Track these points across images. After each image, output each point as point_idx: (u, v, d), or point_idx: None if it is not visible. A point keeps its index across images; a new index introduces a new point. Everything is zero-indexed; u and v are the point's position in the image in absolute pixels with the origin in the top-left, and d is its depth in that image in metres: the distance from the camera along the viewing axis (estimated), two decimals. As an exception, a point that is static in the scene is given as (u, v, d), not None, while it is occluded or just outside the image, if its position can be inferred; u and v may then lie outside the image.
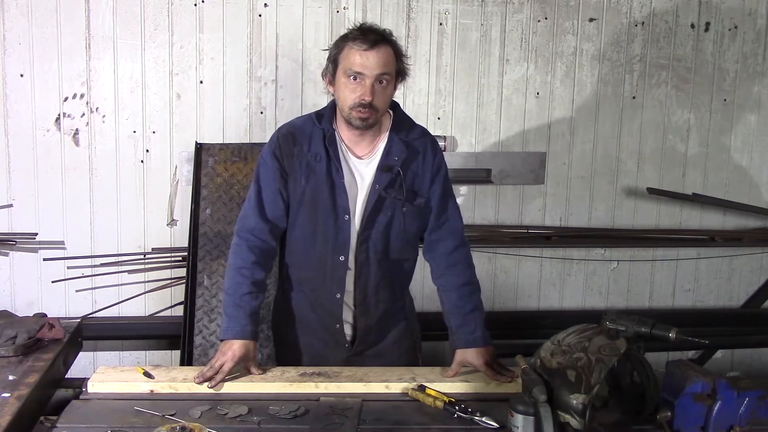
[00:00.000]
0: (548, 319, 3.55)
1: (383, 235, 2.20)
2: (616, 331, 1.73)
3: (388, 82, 2.10)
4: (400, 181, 2.17)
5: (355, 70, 2.05)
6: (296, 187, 2.19)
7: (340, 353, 2.29)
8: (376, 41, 2.06)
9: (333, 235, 2.18)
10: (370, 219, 2.18)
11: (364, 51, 2.05)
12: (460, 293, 2.24)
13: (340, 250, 2.19)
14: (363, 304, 2.25)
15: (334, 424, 1.77)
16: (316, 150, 2.17)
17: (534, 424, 1.62)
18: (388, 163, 2.18)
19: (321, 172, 2.17)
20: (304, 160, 2.18)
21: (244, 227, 2.21)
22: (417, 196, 2.21)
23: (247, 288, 2.14)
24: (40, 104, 3.27)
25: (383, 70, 2.06)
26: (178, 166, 3.36)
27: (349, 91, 2.08)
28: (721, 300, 3.82)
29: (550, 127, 3.56)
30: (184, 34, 3.29)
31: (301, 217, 2.21)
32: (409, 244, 2.27)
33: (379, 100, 2.09)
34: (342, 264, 2.20)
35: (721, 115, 3.66)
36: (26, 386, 1.78)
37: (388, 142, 2.19)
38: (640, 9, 3.52)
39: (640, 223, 3.68)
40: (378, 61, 2.05)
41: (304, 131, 2.20)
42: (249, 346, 2.09)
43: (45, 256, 3.34)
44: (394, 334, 2.35)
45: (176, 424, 1.62)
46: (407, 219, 2.21)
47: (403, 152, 2.19)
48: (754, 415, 1.75)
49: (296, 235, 2.24)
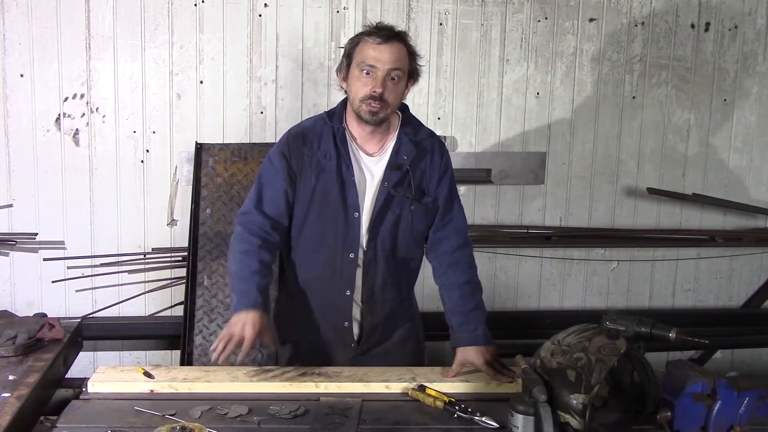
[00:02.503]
0: (548, 319, 3.55)
1: (391, 233, 2.21)
2: (616, 331, 1.73)
3: (400, 78, 2.13)
4: (408, 180, 2.19)
5: (368, 63, 2.09)
6: (306, 186, 2.20)
7: (346, 353, 2.29)
8: (390, 37, 2.11)
9: (343, 233, 2.19)
10: (378, 216, 2.19)
11: (378, 45, 2.09)
12: (462, 291, 2.24)
13: (350, 247, 2.19)
14: (370, 301, 2.25)
15: (334, 424, 1.77)
16: (326, 148, 2.19)
17: (534, 424, 1.62)
18: (397, 162, 2.20)
19: (331, 170, 2.18)
20: (314, 159, 2.19)
21: (244, 219, 2.21)
22: (425, 194, 2.23)
23: (256, 266, 2.11)
24: (40, 104, 3.27)
25: (395, 65, 2.10)
26: (178, 166, 3.36)
27: (362, 84, 2.11)
28: (721, 300, 3.82)
29: (550, 127, 3.56)
30: (184, 34, 3.29)
31: (311, 216, 2.22)
32: (416, 242, 2.28)
33: (390, 95, 2.11)
34: (352, 261, 2.20)
35: (721, 115, 3.66)
36: (26, 386, 1.78)
37: (398, 140, 2.22)
38: (640, 9, 3.52)
39: (640, 223, 3.69)
40: (391, 56, 2.09)
41: (314, 130, 2.22)
42: (265, 318, 2.05)
43: (45, 256, 3.34)
44: (400, 333, 2.35)
45: (176, 424, 1.62)
46: (415, 217, 2.23)
47: (413, 151, 2.21)
48: (754, 415, 1.75)
49: (305, 234, 2.25)
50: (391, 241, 2.22)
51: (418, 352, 2.41)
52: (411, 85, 2.21)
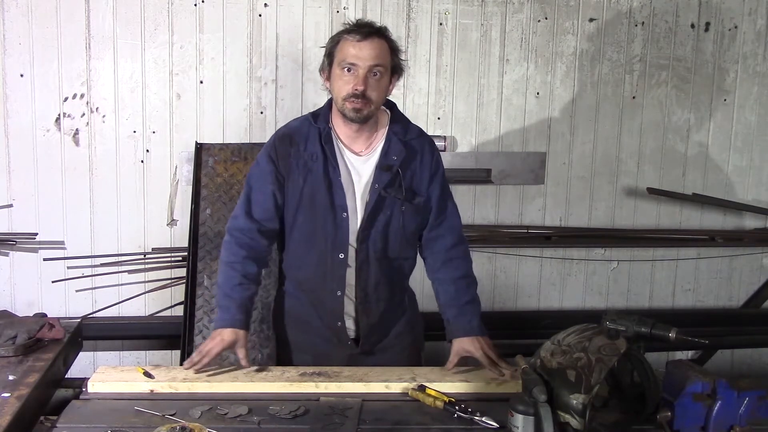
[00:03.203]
0: (548, 319, 3.54)
1: (382, 234, 2.22)
2: (616, 331, 1.73)
3: (382, 74, 2.12)
4: (399, 181, 2.19)
5: (348, 61, 2.08)
6: (294, 188, 2.20)
7: (343, 351, 2.30)
8: (370, 33, 2.09)
9: (332, 234, 2.19)
10: (370, 218, 2.19)
11: (357, 42, 2.08)
12: (457, 286, 2.26)
13: (340, 248, 2.20)
14: (364, 302, 2.26)
15: (334, 424, 1.77)
16: (313, 149, 2.19)
17: (534, 424, 1.62)
18: (387, 163, 2.19)
19: (318, 171, 2.18)
20: (301, 161, 2.19)
21: (234, 226, 2.24)
22: (416, 195, 2.23)
23: (238, 279, 2.17)
24: (40, 104, 3.27)
25: (376, 61, 2.09)
26: (178, 166, 3.36)
27: (343, 82, 2.10)
28: (721, 300, 3.82)
29: (550, 127, 3.56)
30: (184, 34, 3.29)
31: (301, 217, 2.22)
32: (408, 243, 2.28)
33: (373, 92, 2.10)
34: (342, 261, 2.21)
35: (721, 115, 3.66)
36: (26, 386, 1.78)
37: (386, 141, 2.21)
38: (640, 9, 3.52)
39: (640, 223, 3.68)
40: (371, 52, 2.08)
41: (300, 132, 2.22)
42: (238, 334, 2.12)
43: (45, 256, 3.33)
44: (396, 329, 2.35)
45: (176, 424, 1.62)
46: (406, 218, 2.23)
47: (402, 152, 2.20)
48: (754, 415, 1.75)
49: (295, 236, 2.25)
50: (383, 242, 2.23)
51: (416, 343, 2.42)
52: (395, 81, 2.20)
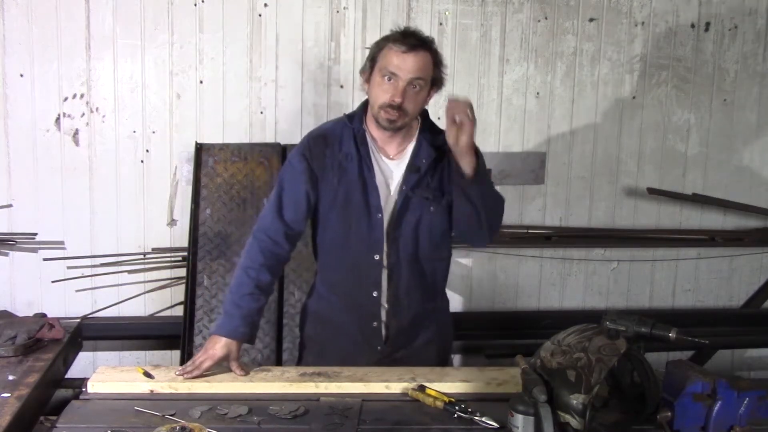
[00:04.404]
0: (548, 319, 3.54)
1: (412, 236, 2.21)
2: (616, 331, 1.73)
3: (422, 87, 2.11)
4: (426, 181, 2.19)
5: (390, 70, 2.07)
6: (328, 188, 2.20)
7: (372, 355, 2.26)
8: (415, 45, 2.07)
9: (366, 234, 2.19)
10: (398, 219, 2.19)
11: (402, 53, 2.06)
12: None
13: (375, 249, 2.19)
14: (395, 305, 2.24)
15: (334, 424, 1.77)
16: (347, 150, 2.19)
17: (534, 424, 1.62)
18: (415, 164, 2.20)
19: (353, 172, 2.18)
20: (335, 161, 2.19)
21: (260, 227, 2.22)
22: (444, 195, 2.22)
23: (249, 289, 2.14)
24: (40, 104, 3.27)
25: (418, 74, 2.07)
26: (178, 166, 3.36)
27: (382, 90, 2.10)
28: (721, 300, 3.82)
29: (550, 127, 3.56)
30: (184, 34, 3.29)
31: (334, 218, 2.22)
32: (439, 244, 2.27)
33: (410, 104, 2.10)
34: (377, 263, 2.20)
35: (721, 115, 3.66)
36: (26, 386, 1.78)
37: (417, 144, 2.21)
38: (640, 9, 3.52)
39: (640, 223, 3.68)
40: (414, 65, 2.07)
41: (334, 132, 2.22)
42: (232, 347, 2.09)
43: (45, 256, 3.33)
44: (424, 337, 2.32)
45: (176, 424, 1.62)
46: (434, 218, 2.22)
47: (431, 154, 2.20)
48: (754, 415, 1.75)
49: (329, 237, 2.25)
50: (413, 243, 2.22)
51: (443, 356, 2.39)
52: (434, 93, 2.19)
